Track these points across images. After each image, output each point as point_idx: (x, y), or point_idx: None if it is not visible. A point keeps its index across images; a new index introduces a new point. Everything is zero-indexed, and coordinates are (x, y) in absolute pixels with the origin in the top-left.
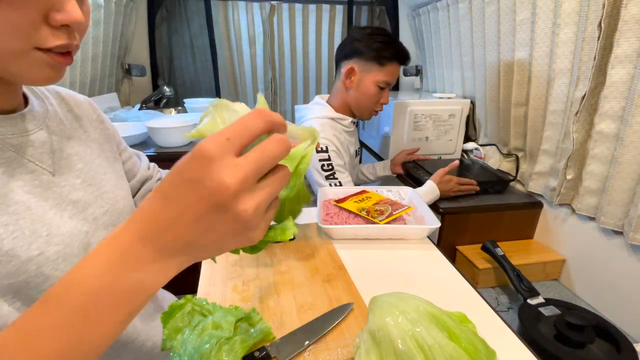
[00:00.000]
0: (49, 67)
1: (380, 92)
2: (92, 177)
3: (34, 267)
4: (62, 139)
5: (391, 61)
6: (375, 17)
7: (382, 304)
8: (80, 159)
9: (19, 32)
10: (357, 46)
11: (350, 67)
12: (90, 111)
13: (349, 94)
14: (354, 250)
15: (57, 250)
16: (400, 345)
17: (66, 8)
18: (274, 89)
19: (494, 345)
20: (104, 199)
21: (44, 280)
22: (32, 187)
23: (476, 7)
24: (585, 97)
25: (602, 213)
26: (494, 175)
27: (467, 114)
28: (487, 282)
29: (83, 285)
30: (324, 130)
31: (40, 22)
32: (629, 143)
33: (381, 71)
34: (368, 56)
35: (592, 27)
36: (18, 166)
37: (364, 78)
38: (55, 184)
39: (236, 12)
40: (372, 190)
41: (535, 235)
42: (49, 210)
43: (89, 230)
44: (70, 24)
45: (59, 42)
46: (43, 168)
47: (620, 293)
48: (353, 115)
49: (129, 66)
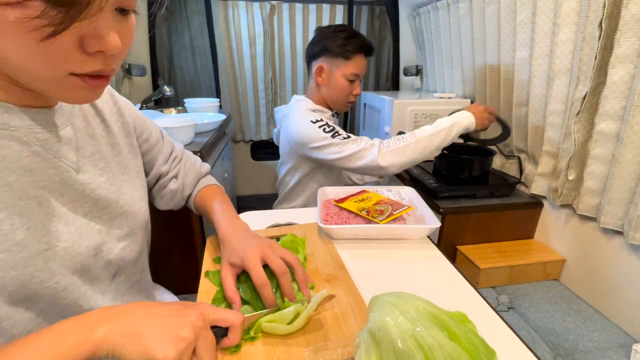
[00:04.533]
0: (84, 90)
1: (350, 84)
2: (113, 177)
3: (41, 260)
4: (85, 136)
5: (356, 54)
6: (376, 17)
7: (382, 303)
8: (102, 158)
9: (53, 61)
10: (324, 44)
11: (319, 66)
12: (110, 104)
13: (322, 90)
14: (354, 250)
15: (65, 247)
16: (400, 345)
17: (103, 35)
18: (274, 89)
19: (494, 345)
20: (123, 199)
21: (51, 275)
22: (50, 182)
23: (476, 7)
24: (586, 97)
25: (603, 213)
26: (500, 179)
27: None
28: (487, 282)
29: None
30: (315, 113)
31: (75, 49)
32: (629, 143)
33: (348, 65)
34: (334, 52)
35: (592, 27)
36: (41, 161)
37: (333, 74)
38: (77, 182)
39: (236, 12)
40: (372, 190)
41: (536, 235)
42: (62, 206)
43: (103, 228)
44: (105, 51)
45: (93, 69)
46: (68, 165)
47: (620, 293)
48: (330, 109)
49: (129, 66)
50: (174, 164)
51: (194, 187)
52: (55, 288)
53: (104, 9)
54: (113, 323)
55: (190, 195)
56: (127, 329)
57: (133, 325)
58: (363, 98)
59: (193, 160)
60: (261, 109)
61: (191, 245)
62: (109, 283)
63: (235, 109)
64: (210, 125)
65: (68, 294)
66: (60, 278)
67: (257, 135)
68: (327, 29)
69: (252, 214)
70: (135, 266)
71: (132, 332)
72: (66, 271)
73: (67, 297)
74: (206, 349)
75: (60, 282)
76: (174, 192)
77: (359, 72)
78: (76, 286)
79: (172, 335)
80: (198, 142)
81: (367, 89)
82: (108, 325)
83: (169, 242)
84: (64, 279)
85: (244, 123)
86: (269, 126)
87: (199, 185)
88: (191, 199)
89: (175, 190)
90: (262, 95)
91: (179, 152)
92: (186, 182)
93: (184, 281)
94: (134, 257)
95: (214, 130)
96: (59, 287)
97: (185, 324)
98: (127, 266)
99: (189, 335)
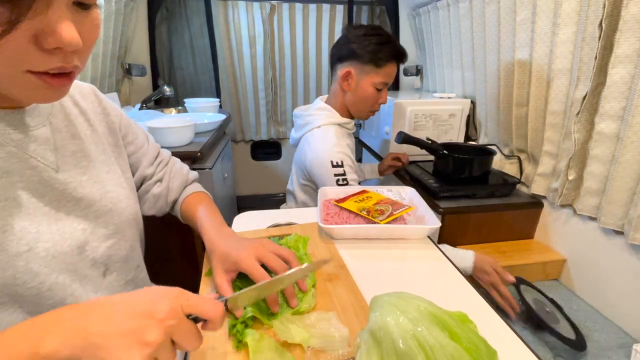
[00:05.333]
0: (44, 89)
1: (378, 93)
2: (96, 175)
3: (22, 262)
4: (67, 135)
5: (388, 62)
6: (376, 17)
7: (383, 303)
8: (85, 156)
9: (8, 59)
10: (353, 48)
11: (347, 71)
12: (95, 104)
13: (347, 96)
14: (354, 250)
15: (47, 247)
16: (401, 345)
17: (57, 30)
18: (274, 89)
19: (494, 344)
20: (108, 197)
21: (33, 276)
22: (29, 182)
23: (476, 6)
24: (586, 97)
25: (603, 213)
26: (500, 179)
27: (467, 113)
28: None
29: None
30: (339, 143)
31: (30, 45)
32: (629, 143)
33: (378, 73)
34: (364, 59)
35: (592, 27)
36: (18, 161)
37: (361, 81)
38: (58, 181)
39: (236, 12)
40: (372, 190)
41: (536, 235)
42: (43, 207)
43: (87, 227)
44: (62, 47)
45: (51, 66)
46: (45, 165)
47: (620, 293)
48: (351, 116)
49: (129, 66)
50: (159, 167)
51: (179, 193)
52: (39, 288)
53: (54, 4)
54: (65, 332)
55: (175, 202)
56: (81, 339)
57: (89, 333)
58: None
59: (180, 166)
60: (261, 109)
61: (191, 245)
62: (100, 281)
63: (235, 109)
64: (210, 125)
65: (53, 294)
66: (44, 278)
67: (257, 135)
68: (358, 31)
69: (251, 214)
70: (128, 263)
71: (89, 344)
72: (50, 271)
73: (52, 297)
74: (185, 339)
75: (45, 282)
76: (157, 196)
77: (389, 80)
78: (62, 286)
79: (136, 341)
80: (198, 142)
81: None
82: (59, 336)
83: (169, 241)
84: (47, 279)
85: (244, 123)
86: (269, 126)
87: (185, 191)
88: (177, 206)
89: (158, 195)
90: (262, 95)
91: (165, 157)
92: (171, 186)
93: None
94: (123, 255)
95: (214, 130)
96: (43, 287)
97: (152, 326)
98: (117, 264)
99: (157, 337)
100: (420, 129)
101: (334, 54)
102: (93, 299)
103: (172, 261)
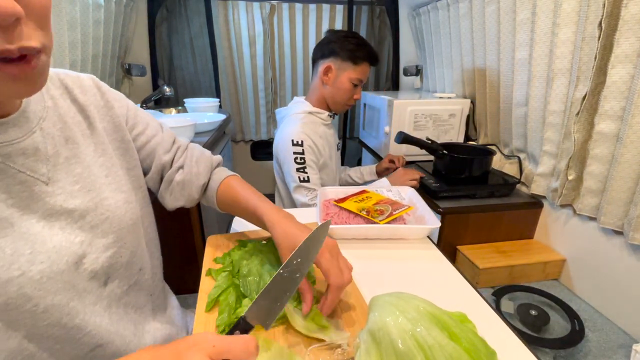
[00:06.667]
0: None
1: (354, 88)
2: (92, 182)
3: (14, 288)
4: (60, 140)
5: (364, 61)
6: (376, 17)
7: (382, 303)
8: (80, 162)
9: None
10: (333, 47)
11: (327, 65)
12: (97, 97)
13: (326, 89)
14: (354, 250)
15: (42, 269)
16: (400, 345)
17: None
18: (274, 89)
19: (494, 345)
20: (104, 205)
21: (26, 300)
22: (19, 199)
23: (476, 7)
24: (586, 97)
25: (602, 213)
26: (500, 179)
27: (467, 113)
28: (487, 282)
29: None
30: (303, 125)
31: None
32: (629, 143)
33: (355, 70)
34: (343, 56)
35: (592, 27)
36: (5, 177)
37: (340, 75)
38: (48, 194)
39: (236, 12)
40: (372, 190)
41: (536, 235)
42: (35, 223)
43: (85, 239)
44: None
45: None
46: (35, 178)
47: (620, 293)
48: (329, 109)
49: (129, 66)
50: (178, 154)
51: (207, 177)
52: (33, 311)
53: None
54: None
55: (206, 187)
56: None
57: None
58: (363, 98)
59: (201, 150)
60: (261, 109)
61: (191, 244)
62: (101, 291)
63: (235, 109)
64: (210, 125)
65: (48, 315)
66: (38, 301)
67: (257, 135)
68: (339, 33)
69: None
70: (130, 268)
71: None
72: (45, 294)
73: (47, 319)
74: None
75: (39, 305)
76: (182, 183)
77: (363, 78)
78: (58, 307)
79: None
80: (198, 142)
81: (367, 89)
82: None
83: (168, 241)
84: (42, 302)
85: (244, 123)
86: (269, 126)
87: (216, 175)
88: (211, 192)
89: (183, 182)
90: (262, 95)
91: (182, 143)
92: (197, 171)
93: (184, 280)
94: (125, 262)
95: (214, 130)
96: (38, 310)
97: None
98: (119, 271)
99: None
100: (420, 129)
101: (316, 52)
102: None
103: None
